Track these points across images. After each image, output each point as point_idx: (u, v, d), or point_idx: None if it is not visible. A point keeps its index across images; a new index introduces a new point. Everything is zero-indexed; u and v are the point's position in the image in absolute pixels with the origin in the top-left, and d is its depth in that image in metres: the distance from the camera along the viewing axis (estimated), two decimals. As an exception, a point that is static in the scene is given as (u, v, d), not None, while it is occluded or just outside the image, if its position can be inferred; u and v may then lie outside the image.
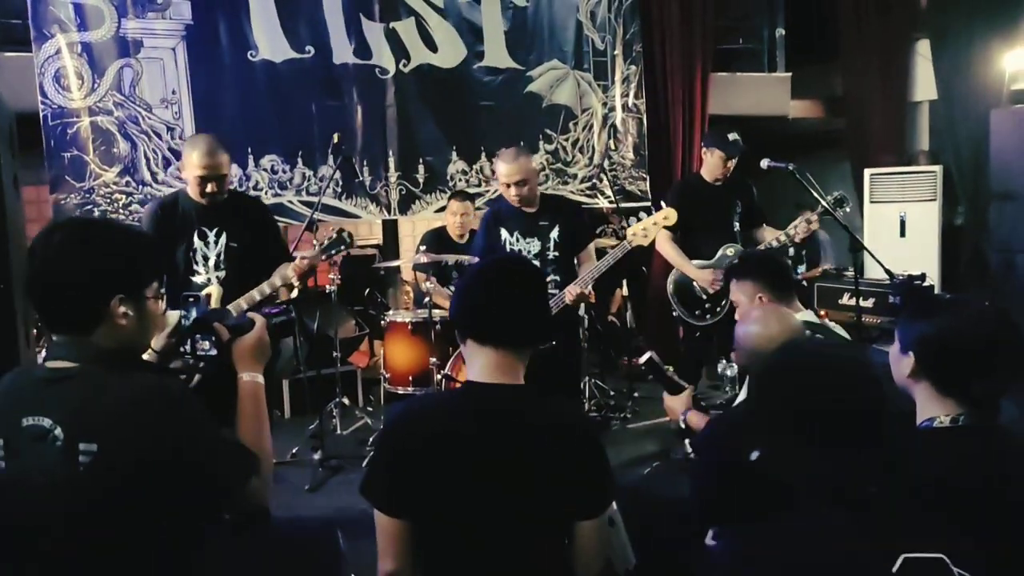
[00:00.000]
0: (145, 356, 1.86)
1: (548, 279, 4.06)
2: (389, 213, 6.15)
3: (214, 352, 1.91)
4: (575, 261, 4.23)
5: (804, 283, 5.81)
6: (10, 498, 1.58)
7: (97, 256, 1.63)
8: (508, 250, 4.18)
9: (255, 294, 3.60)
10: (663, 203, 4.47)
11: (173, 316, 1.96)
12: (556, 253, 4.17)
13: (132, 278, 1.67)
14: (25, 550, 1.58)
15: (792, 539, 1.47)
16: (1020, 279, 5.43)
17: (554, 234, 4.17)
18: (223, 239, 3.71)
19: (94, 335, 1.63)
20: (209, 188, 3.60)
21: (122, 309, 1.63)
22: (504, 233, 4.23)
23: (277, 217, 5.68)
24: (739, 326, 2.54)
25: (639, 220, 4.18)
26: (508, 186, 4.09)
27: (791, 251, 5.91)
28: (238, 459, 1.69)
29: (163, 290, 1.77)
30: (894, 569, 1.38)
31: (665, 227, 4.82)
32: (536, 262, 4.08)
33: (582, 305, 4.28)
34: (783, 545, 1.47)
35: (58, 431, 1.53)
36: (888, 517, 1.48)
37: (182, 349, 1.93)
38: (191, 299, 1.96)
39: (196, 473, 1.59)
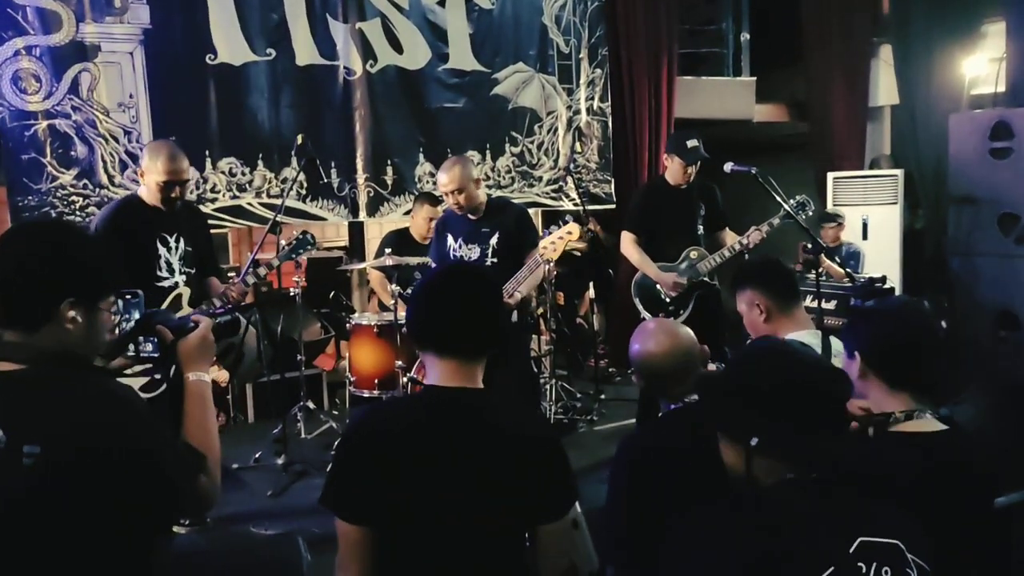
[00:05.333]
0: None
1: None
2: (356, 215, 6.11)
3: (157, 354, 1.88)
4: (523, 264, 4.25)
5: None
6: None
7: (58, 255, 1.64)
8: (453, 256, 4.31)
9: (216, 301, 3.63)
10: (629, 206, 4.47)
11: None
12: (494, 260, 4.27)
13: (90, 285, 1.67)
14: None
15: (752, 523, 1.52)
16: (978, 282, 5.51)
17: (493, 241, 4.27)
18: (182, 243, 3.74)
19: (39, 335, 1.61)
20: (173, 194, 3.62)
21: (71, 313, 1.62)
22: (450, 239, 4.37)
23: (236, 219, 5.69)
24: (631, 344, 2.37)
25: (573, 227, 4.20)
26: (447, 195, 4.24)
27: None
28: (185, 458, 1.69)
29: (118, 306, 1.78)
30: (851, 550, 1.43)
31: (628, 232, 4.89)
32: None
33: (517, 311, 4.31)
34: (742, 529, 1.51)
35: (0, 434, 1.51)
36: (844, 503, 1.54)
37: (126, 350, 1.89)
38: (129, 297, 1.91)
39: (143, 472, 1.58)
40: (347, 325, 5.21)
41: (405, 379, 4.66)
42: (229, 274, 3.82)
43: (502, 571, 1.84)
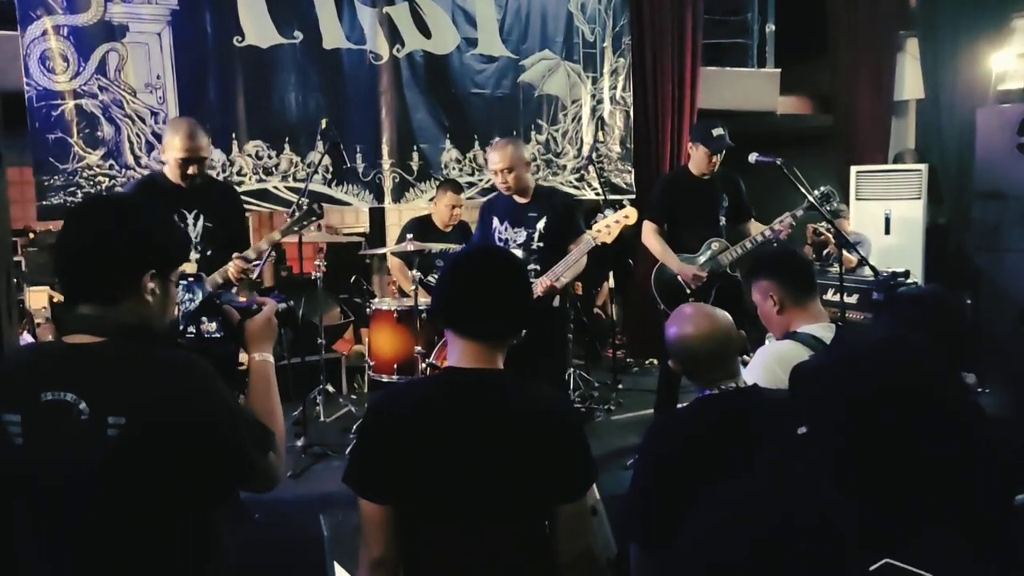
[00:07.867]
0: None
1: (529, 268, 4.14)
2: (382, 201, 6.11)
3: (220, 334, 1.90)
4: (567, 252, 4.27)
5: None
6: (29, 473, 1.57)
7: (141, 228, 1.66)
8: (497, 238, 4.32)
9: (216, 277, 3.67)
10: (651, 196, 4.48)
11: None
12: (540, 244, 4.27)
13: (166, 257, 1.70)
14: (46, 525, 1.57)
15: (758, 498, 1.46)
16: (1002, 277, 5.48)
17: (540, 225, 4.27)
18: (200, 221, 3.78)
19: (119, 308, 1.62)
20: (190, 171, 3.67)
21: (151, 285, 1.64)
22: (495, 221, 4.37)
23: (262, 203, 5.70)
24: (667, 328, 2.31)
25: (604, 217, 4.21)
26: (496, 173, 4.25)
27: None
28: (259, 434, 1.71)
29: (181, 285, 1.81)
30: (872, 567, 1.35)
31: (650, 221, 4.87)
32: (520, 251, 4.22)
33: (560, 297, 4.32)
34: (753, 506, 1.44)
35: (83, 405, 1.53)
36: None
37: (187, 330, 1.91)
38: (191, 279, 1.93)
39: (222, 447, 1.61)
40: (367, 310, 5.23)
41: (424, 365, 4.68)
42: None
43: (521, 552, 1.84)
